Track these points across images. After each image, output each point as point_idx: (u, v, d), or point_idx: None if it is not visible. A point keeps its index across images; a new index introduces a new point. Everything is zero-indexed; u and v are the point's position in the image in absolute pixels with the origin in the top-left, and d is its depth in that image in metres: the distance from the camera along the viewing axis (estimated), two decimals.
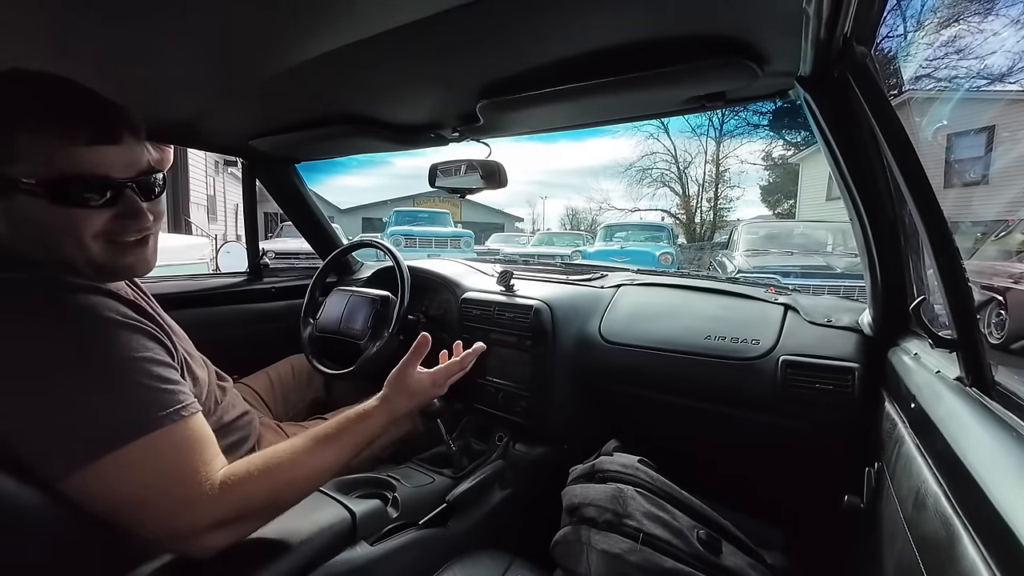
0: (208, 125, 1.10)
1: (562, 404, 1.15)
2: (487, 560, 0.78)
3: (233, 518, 0.53)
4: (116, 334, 0.52)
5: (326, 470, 0.62)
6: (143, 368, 0.52)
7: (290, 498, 0.59)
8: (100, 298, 0.53)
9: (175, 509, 0.50)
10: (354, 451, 0.65)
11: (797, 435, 0.94)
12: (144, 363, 0.52)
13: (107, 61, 0.72)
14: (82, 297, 0.52)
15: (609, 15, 0.62)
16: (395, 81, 0.85)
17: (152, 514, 0.49)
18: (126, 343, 0.52)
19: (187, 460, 0.51)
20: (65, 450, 0.47)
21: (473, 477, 0.95)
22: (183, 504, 0.50)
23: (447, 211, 10.91)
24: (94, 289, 0.54)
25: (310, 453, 0.60)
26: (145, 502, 0.49)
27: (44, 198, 0.51)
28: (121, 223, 0.56)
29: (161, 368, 0.54)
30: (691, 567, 0.72)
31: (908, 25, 4.36)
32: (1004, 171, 6.64)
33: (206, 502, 0.51)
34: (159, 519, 0.49)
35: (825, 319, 0.99)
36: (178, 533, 0.50)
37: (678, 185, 17.85)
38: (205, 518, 0.51)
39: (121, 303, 0.55)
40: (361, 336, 1.23)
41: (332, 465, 0.62)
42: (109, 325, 0.52)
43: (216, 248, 4.89)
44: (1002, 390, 0.50)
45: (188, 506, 0.50)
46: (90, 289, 0.54)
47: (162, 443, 0.50)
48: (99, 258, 0.56)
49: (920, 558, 0.43)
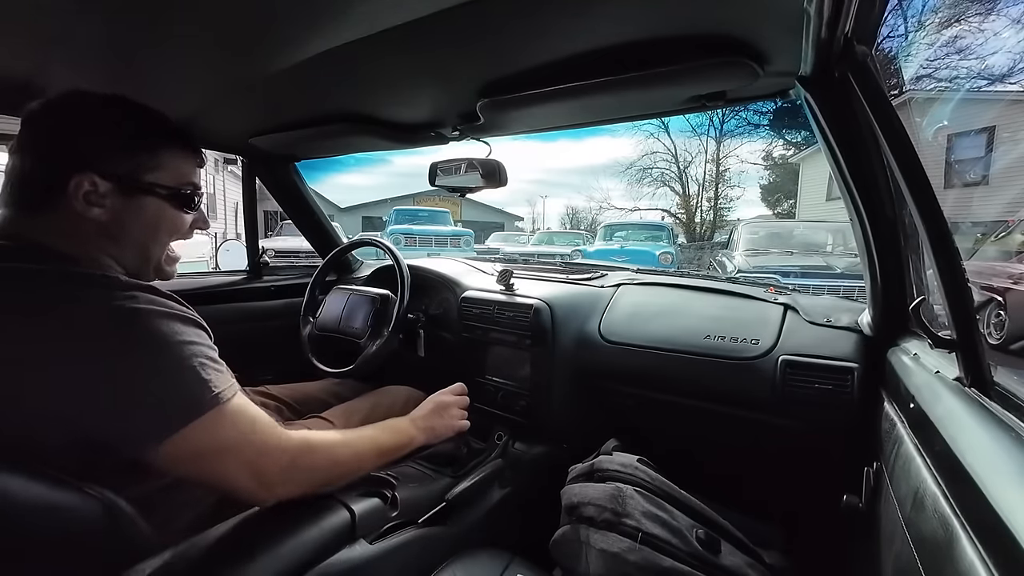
0: (208, 123, 1.10)
1: (561, 403, 1.15)
2: (486, 559, 0.78)
3: (300, 466, 0.62)
4: (170, 324, 0.56)
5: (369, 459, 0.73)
6: (200, 351, 0.58)
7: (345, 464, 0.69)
8: (144, 294, 0.57)
9: (256, 455, 0.58)
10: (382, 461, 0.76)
11: (796, 435, 0.94)
12: (200, 346, 0.58)
13: (105, 58, 0.71)
14: (130, 292, 0.56)
15: (609, 14, 0.61)
16: (395, 79, 0.85)
17: (239, 460, 0.57)
18: (180, 331, 0.57)
19: (256, 418, 0.60)
20: (154, 423, 0.52)
21: (472, 476, 0.95)
22: (262, 450, 0.59)
23: (447, 210, 10.90)
24: (136, 286, 0.57)
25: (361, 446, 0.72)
26: (233, 450, 0.57)
27: (170, 202, 0.64)
28: (194, 227, 0.70)
29: (212, 351, 0.60)
30: (690, 566, 0.72)
31: (909, 25, 4.36)
32: (1004, 171, 6.64)
33: (280, 448, 0.60)
34: (245, 464, 0.58)
35: (825, 319, 0.99)
36: (262, 474, 0.59)
37: (678, 184, 17.87)
38: (281, 461, 0.60)
39: (167, 298, 0.59)
40: (361, 335, 1.23)
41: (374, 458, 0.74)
42: (161, 316, 0.56)
43: (216, 246, 4.89)
44: (1001, 390, 0.50)
45: (266, 451, 0.59)
46: (134, 286, 0.57)
47: (232, 408, 0.58)
48: (163, 262, 0.68)
49: (918, 558, 0.43)
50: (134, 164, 0.61)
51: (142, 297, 0.56)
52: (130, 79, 0.80)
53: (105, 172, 0.58)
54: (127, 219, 0.61)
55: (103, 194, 0.58)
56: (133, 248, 0.64)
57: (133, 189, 0.61)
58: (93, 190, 0.57)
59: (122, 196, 0.60)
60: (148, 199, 0.62)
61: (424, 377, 1.21)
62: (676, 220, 17.18)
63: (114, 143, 0.60)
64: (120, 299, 0.54)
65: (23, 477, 0.46)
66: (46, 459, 0.50)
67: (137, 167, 0.61)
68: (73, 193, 0.57)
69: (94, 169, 0.57)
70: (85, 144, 0.58)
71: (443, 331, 1.35)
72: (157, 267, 0.68)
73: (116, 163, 0.59)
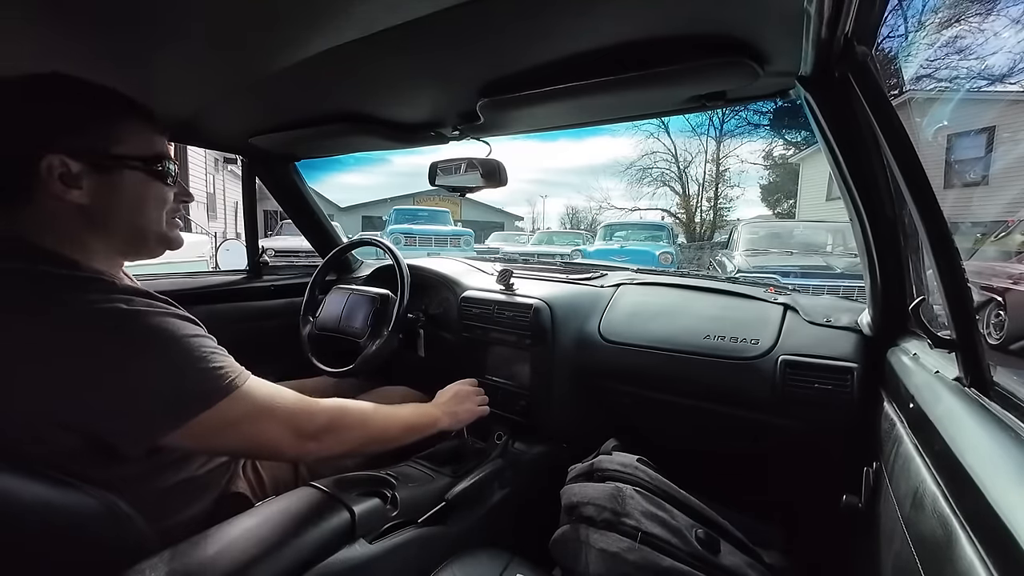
0: (208, 123, 1.10)
1: (561, 403, 1.15)
2: (486, 559, 0.78)
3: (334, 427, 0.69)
4: (171, 319, 0.57)
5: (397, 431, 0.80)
6: (203, 342, 0.59)
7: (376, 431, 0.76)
8: (139, 298, 0.57)
9: (290, 416, 0.64)
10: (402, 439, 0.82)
11: (795, 435, 0.94)
12: (202, 338, 0.60)
13: (106, 58, 0.71)
14: (131, 296, 0.56)
15: (610, 14, 0.61)
16: (395, 79, 0.85)
17: (276, 419, 0.62)
18: (180, 327, 0.58)
19: (278, 389, 0.65)
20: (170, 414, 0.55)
21: (472, 476, 0.94)
22: (294, 411, 0.64)
23: (447, 210, 10.90)
24: (132, 290, 0.58)
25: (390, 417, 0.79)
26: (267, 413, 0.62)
27: (145, 172, 0.62)
28: (178, 200, 0.69)
29: (215, 343, 0.62)
30: (689, 566, 0.72)
31: (909, 25, 4.36)
32: (1004, 172, 6.65)
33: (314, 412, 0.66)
34: (282, 422, 0.63)
35: (824, 319, 0.99)
36: (301, 429, 0.65)
37: (678, 184, 17.86)
38: (318, 420, 0.66)
39: (162, 301, 0.59)
40: (361, 334, 1.23)
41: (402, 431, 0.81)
42: (161, 315, 0.57)
43: (216, 246, 4.89)
44: (1000, 390, 0.50)
45: (300, 412, 0.65)
46: (130, 291, 0.58)
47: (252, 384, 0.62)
48: (165, 230, 0.67)
49: (918, 558, 0.43)
50: (99, 138, 0.59)
51: (138, 300, 0.56)
52: (130, 79, 0.80)
53: (73, 150, 0.56)
54: (110, 199, 0.60)
55: (77, 174, 0.56)
56: (124, 230, 0.62)
57: (106, 165, 0.59)
58: (66, 171, 0.56)
59: (98, 174, 0.58)
60: (125, 174, 0.60)
61: (424, 377, 1.21)
62: (676, 220, 17.18)
63: (74, 119, 0.58)
64: (117, 301, 0.54)
65: (23, 477, 0.46)
66: (47, 460, 0.50)
67: (103, 140, 0.59)
68: (47, 177, 0.55)
69: (61, 148, 0.55)
70: (45, 122, 0.56)
71: (443, 331, 1.35)
72: (160, 238, 0.66)
73: (81, 139, 0.57)
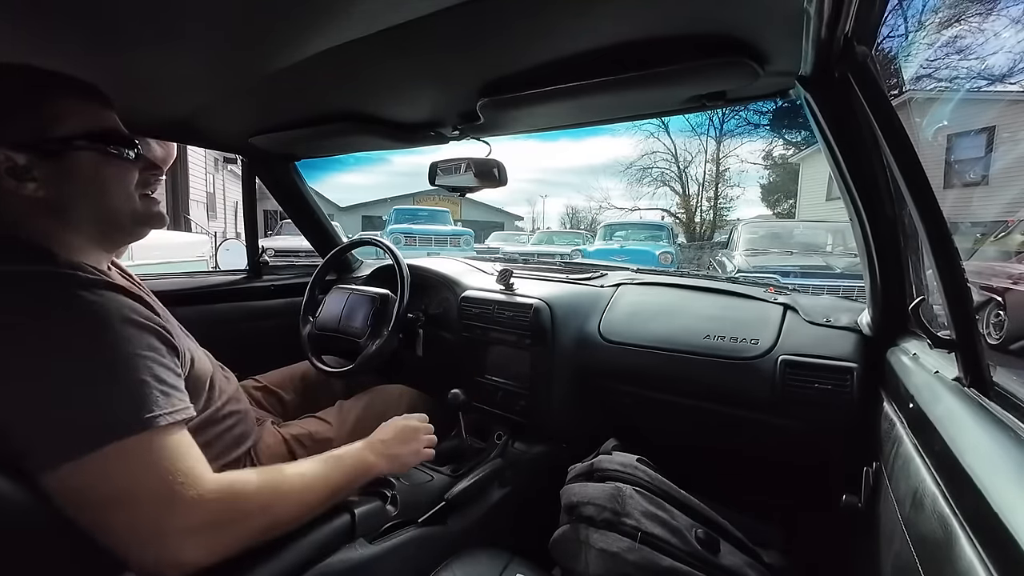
0: (208, 122, 1.10)
1: (561, 403, 1.15)
2: (485, 558, 0.78)
3: (222, 523, 0.52)
4: (121, 329, 0.53)
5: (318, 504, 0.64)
6: (145, 365, 0.53)
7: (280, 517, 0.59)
8: (108, 293, 0.54)
9: (161, 509, 0.49)
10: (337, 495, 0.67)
11: (795, 435, 0.94)
12: (146, 361, 0.53)
13: (106, 58, 0.71)
14: (91, 292, 0.53)
15: (610, 14, 0.61)
16: (395, 79, 0.85)
17: (136, 513, 0.48)
18: (130, 338, 0.53)
19: (177, 462, 0.51)
20: (53, 442, 0.47)
21: (472, 475, 0.95)
22: (169, 503, 0.49)
23: (447, 209, 10.90)
24: (104, 284, 0.55)
25: (307, 487, 0.62)
26: (131, 498, 0.48)
27: (96, 151, 0.59)
28: (147, 175, 0.65)
29: (162, 369, 0.54)
30: (689, 566, 0.72)
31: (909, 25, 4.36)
32: (1004, 171, 6.65)
33: (193, 504, 0.50)
34: (143, 518, 0.48)
35: (824, 319, 0.99)
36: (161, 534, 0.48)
37: (678, 184, 17.85)
38: (191, 519, 0.50)
39: (128, 297, 0.56)
40: (361, 334, 1.23)
41: (316, 506, 0.63)
42: (115, 320, 0.53)
43: (215, 245, 4.89)
44: (1000, 391, 0.51)
45: (174, 506, 0.49)
46: (100, 284, 0.54)
47: (152, 443, 0.50)
48: (140, 207, 0.64)
49: (918, 558, 0.43)
50: (35, 123, 0.55)
51: (105, 295, 0.53)
52: (130, 79, 0.80)
53: (11, 141, 0.54)
54: (67, 187, 0.57)
55: (25, 166, 0.54)
56: (91, 217, 0.60)
57: (52, 150, 0.56)
58: (12, 164, 0.54)
59: (46, 162, 0.56)
60: (75, 156, 0.57)
61: (424, 376, 1.21)
62: (676, 220, 17.18)
63: (3, 109, 0.55)
64: (77, 295, 0.51)
65: (21, 477, 0.46)
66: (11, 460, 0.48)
67: (36, 122, 0.56)
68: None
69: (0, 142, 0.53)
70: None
71: (443, 331, 1.35)
72: (136, 218, 0.63)
73: (17, 129, 0.55)
